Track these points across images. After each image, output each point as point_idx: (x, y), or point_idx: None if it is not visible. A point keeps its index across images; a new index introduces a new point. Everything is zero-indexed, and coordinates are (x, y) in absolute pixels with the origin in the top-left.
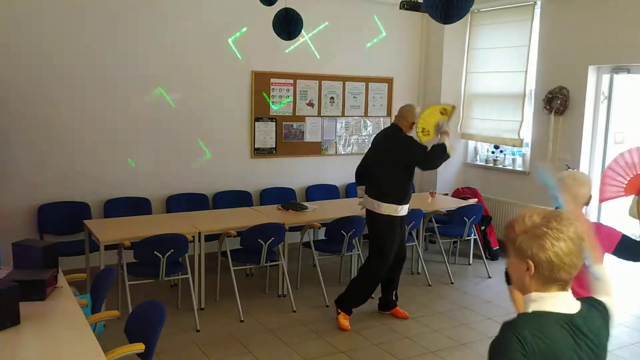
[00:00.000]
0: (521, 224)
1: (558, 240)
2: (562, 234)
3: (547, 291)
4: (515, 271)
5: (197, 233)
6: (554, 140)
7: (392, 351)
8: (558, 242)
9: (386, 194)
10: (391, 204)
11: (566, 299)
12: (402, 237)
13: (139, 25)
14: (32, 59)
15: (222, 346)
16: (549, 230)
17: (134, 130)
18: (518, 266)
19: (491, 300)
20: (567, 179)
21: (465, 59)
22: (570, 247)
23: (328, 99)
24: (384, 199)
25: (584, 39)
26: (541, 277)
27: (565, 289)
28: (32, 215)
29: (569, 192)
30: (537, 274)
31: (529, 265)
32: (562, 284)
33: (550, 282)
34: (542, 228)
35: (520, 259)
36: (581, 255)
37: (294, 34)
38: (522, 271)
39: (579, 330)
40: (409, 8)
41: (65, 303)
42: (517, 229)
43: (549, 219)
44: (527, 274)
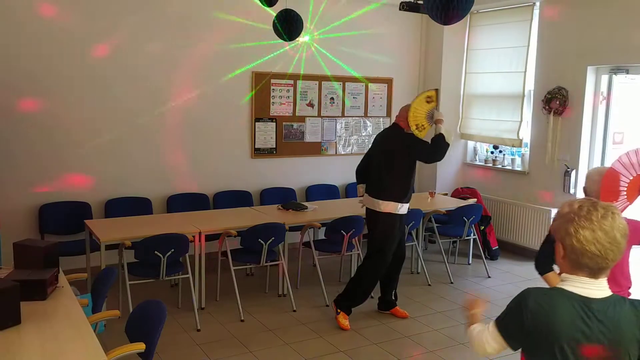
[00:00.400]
0: (562, 208)
1: (583, 228)
2: (590, 222)
3: (575, 275)
4: (557, 252)
5: (197, 233)
6: (553, 141)
7: (392, 351)
8: (583, 230)
9: (388, 192)
10: (391, 202)
11: (593, 285)
12: (402, 237)
13: (139, 25)
14: (33, 58)
15: (223, 346)
16: (577, 217)
17: (134, 130)
18: (557, 248)
19: (491, 300)
20: (593, 174)
21: (464, 60)
22: (599, 236)
23: (328, 99)
24: (385, 197)
25: (582, 39)
26: (570, 261)
27: (595, 277)
28: (33, 215)
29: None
30: (566, 257)
31: (559, 248)
32: (590, 272)
33: (577, 267)
34: (572, 214)
35: (557, 241)
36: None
37: (294, 34)
38: (559, 253)
39: (592, 313)
40: (409, 9)
41: (66, 303)
42: (559, 213)
43: (583, 207)
44: (560, 256)
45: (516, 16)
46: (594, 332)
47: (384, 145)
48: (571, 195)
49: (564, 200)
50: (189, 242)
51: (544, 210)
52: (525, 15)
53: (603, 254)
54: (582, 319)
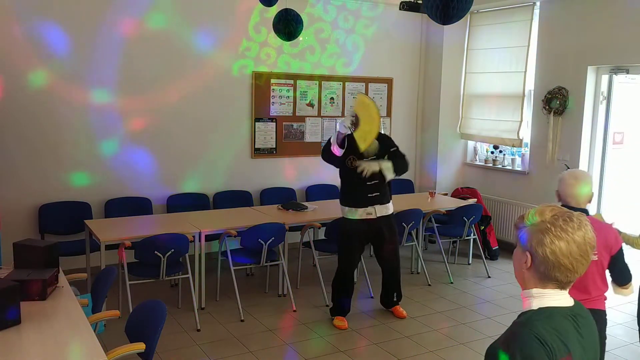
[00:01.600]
0: (531, 216)
1: (559, 240)
2: (565, 233)
3: (545, 288)
4: (516, 261)
5: (197, 233)
6: (553, 141)
7: (392, 351)
8: (558, 241)
9: (341, 197)
10: (344, 207)
11: (564, 295)
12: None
13: (139, 25)
14: (32, 58)
15: (223, 346)
16: (553, 227)
17: (134, 130)
18: (519, 256)
19: (490, 299)
20: (568, 178)
21: (464, 60)
22: (572, 249)
23: (328, 99)
24: (340, 201)
25: (583, 39)
26: (537, 272)
27: (564, 288)
28: (33, 215)
29: (570, 190)
30: (533, 268)
31: (526, 258)
32: (559, 285)
33: (546, 279)
34: (547, 224)
35: (522, 249)
36: (584, 262)
37: (294, 34)
38: (521, 262)
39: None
40: (409, 9)
41: (66, 303)
42: (526, 220)
43: (558, 217)
44: (524, 266)
45: (516, 16)
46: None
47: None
48: None
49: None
50: (189, 242)
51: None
52: (525, 15)
53: (574, 267)
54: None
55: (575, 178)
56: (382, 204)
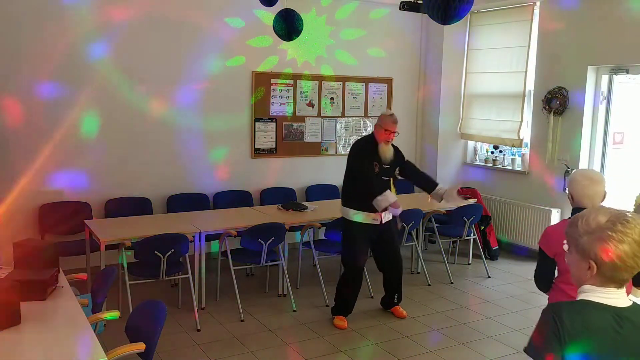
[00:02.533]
0: (585, 224)
1: (622, 243)
2: (626, 236)
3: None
4: (577, 268)
5: (197, 233)
6: (553, 141)
7: (392, 351)
8: (622, 245)
9: (349, 200)
10: (351, 210)
11: (618, 294)
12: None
13: (139, 26)
14: (33, 57)
15: (223, 346)
16: (614, 233)
17: (134, 130)
18: (580, 264)
19: (490, 299)
20: (581, 179)
21: (464, 60)
22: (635, 249)
23: (328, 99)
24: (347, 204)
25: (583, 39)
26: (602, 277)
27: (622, 286)
28: (33, 215)
29: (585, 192)
30: (599, 273)
31: (591, 265)
32: (620, 283)
33: (610, 281)
34: (607, 231)
35: (582, 257)
36: None
37: (294, 34)
38: (583, 269)
39: (627, 320)
40: (409, 9)
41: (66, 303)
42: (581, 228)
43: (614, 222)
44: (589, 273)
45: (516, 16)
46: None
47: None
48: None
49: (563, 201)
50: (189, 242)
51: (544, 210)
52: (525, 15)
53: (637, 265)
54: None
55: (589, 179)
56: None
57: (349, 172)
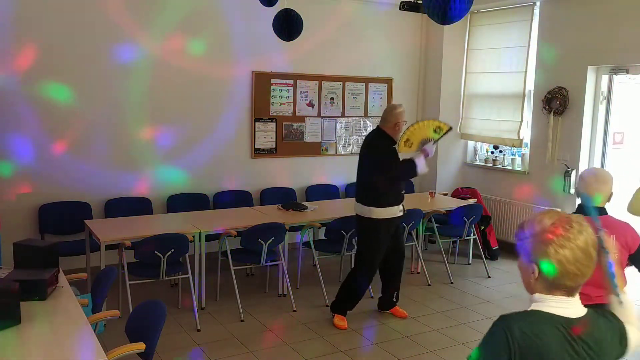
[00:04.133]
0: (530, 226)
1: (563, 248)
2: (568, 241)
3: (550, 294)
4: (524, 272)
5: (197, 233)
6: (553, 141)
7: (392, 351)
8: (562, 250)
9: (369, 198)
10: (373, 207)
11: (570, 303)
12: (397, 238)
13: (139, 25)
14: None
15: (223, 346)
16: (555, 237)
17: (134, 130)
18: (525, 267)
19: (490, 299)
20: (588, 177)
21: (464, 59)
22: (577, 255)
23: (328, 99)
24: (367, 202)
25: (583, 39)
26: (545, 282)
27: (572, 294)
28: (33, 215)
29: (591, 190)
30: (541, 278)
31: (533, 269)
32: (568, 290)
33: (554, 287)
34: (548, 234)
35: (527, 261)
36: (590, 264)
37: (294, 34)
38: (528, 273)
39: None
40: (409, 9)
41: (66, 303)
42: (526, 230)
43: (557, 225)
44: (532, 277)
45: (516, 16)
46: (580, 355)
47: (362, 149)
48: (571, 195)
49: (563, 201)
50: (189, 242)
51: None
52: (525, 15)
53: (582, 272)
54: (569, 344)
55: (595, 177)
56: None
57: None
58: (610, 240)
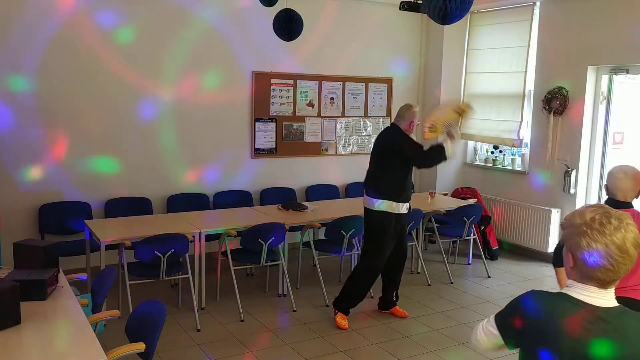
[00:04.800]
0: (573, 217)
1: (596, 242)
2: (603, 236)
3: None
4: (565, 259)
5: (197, 233)
6: (553, 141)
7: (392, 351)
8: (595, 244)
9: (381, 191)
10: (385, 200)
11: (600, 294)
12: (402, 236)
13: (139, 25)
14: (31, 55)
15: (223, 346)
16: (590, 230)
17: (134, 130)
18: (565, 255)
19: (490, 299)
20: (617, 172)
21: (464, 60)
22: (613, 251)
23: (328, 99)
24: (378, 195)
25: (583, 39)
26: (579, 271)
27: (605, 287)
28: (33, 215)
29: (617, 184)
30: (576, 267)
31: (569, 258)
32: (600, 283)
33: (588, 278)
34: (584, 227)
35: (565, 250)
36: (627, 262)
37: (295, 34)
38: (568, 262)
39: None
40: (409, 9)
41: (66, 303)
42: (569, 221)
43: (595, 219)
44: (568, 265)
45: (516, 16)
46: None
47: (378, 143)
48: (571, 195)
49: (563, 201)
50: (189, 242)
51: (544, 210)
52: (525, 15)
53: (615, 267)
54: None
55: (624, 172)
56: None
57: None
58: None
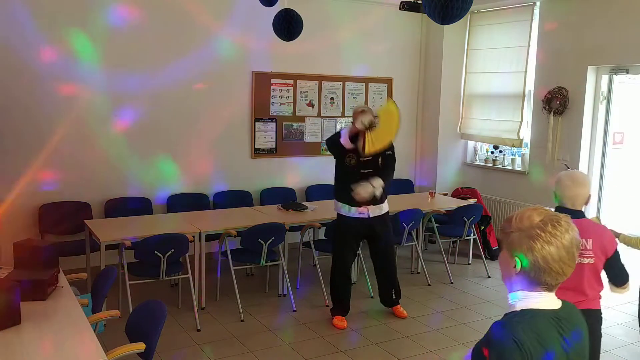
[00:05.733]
0: (519, 220)
1: (549, 245)
2: (555, 239)
3: (532, 290)
4: (504, 265)
5: (197, 233)
6: (553, 141)
7: (392, 351)
8: (548, 247)
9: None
10: (339, 203)
11: (550, 297)
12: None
13: (139, 25)
14: (30, 56)
15: (223, 346)
16: (543, 233)
17: (134, 130)
18: (507, 260)
19: (490, 299)
20: (565, 179)
21: (464, 59)
22: (562, 254)
23: (328, 99)
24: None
25: (583, 39)
26: (526, 277)
27: (552, 290)
28: (33, 215)
29: (565, 192)
30: (522, 272)
31: (515, 263)
32: (548, 287)
33: (535, 283)
34: (536, 230)
35: (510, 254)
36: (572, 264)
37: (294, 34)
38: (510, 266)
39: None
40: (409, 9)
41: (66, 303)
42: (514, 224)
43: (546, 222)
44: (513, 270)
45: (516, 16)
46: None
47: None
48: None
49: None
50: (189, 242)
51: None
52: (525, 15)
53: (564, 271)
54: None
55: (571, 179)
56: (376, 204)
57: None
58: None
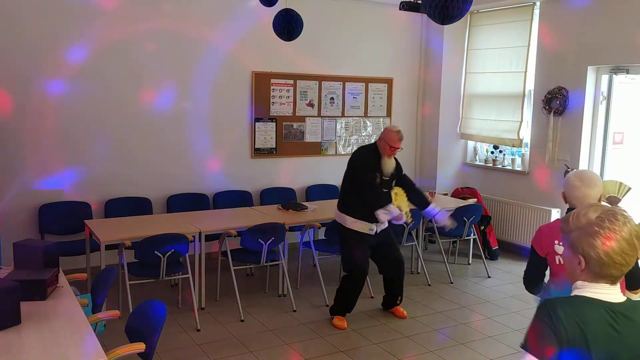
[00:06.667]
0: (576, 219)
1: (610, 240)
2: (614, 233)
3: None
4: (569, 264)
5: (197, 233)
6: (553, 141)
7: (392, 351)
8: (609, 242)
9: (347, 207)
10: (358, 220)
11: (612, 290)
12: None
13: (139, 25)
14: (29, 55)
15: (223, 346)
16: (601, 229)
17: (134, 130)
18: (571, 259)
19: (490, 299)
20: (573, 180)
21: (464, 60)
22: (623, 246)
23: (328, 99)
24: (351, 214)
25: (583, 39)
26: (591, 272)
27: (615, 283)
28: (33, 215)
29: (574, 193)
30: (587, 269)
31: (580, 260)
32: (612, 279)
33: (600, 276)
34: (595, 227)
35: (573, 253)
36: (634, 253)
37: (294, 34)
38: (574, 265)
39: (621, 315)
40: (409, 9)
41: (66, 303)
42: (572, 224)
43: (603, 218)
44: (578, 268)
45: (516, 16)
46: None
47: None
48: None
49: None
50: (189, 242)
51: (544, 210)
52: (525, 15)
53: (627, 262)
54: (613, 326)
55: (580, 179)
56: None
57: (350, 179)
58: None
